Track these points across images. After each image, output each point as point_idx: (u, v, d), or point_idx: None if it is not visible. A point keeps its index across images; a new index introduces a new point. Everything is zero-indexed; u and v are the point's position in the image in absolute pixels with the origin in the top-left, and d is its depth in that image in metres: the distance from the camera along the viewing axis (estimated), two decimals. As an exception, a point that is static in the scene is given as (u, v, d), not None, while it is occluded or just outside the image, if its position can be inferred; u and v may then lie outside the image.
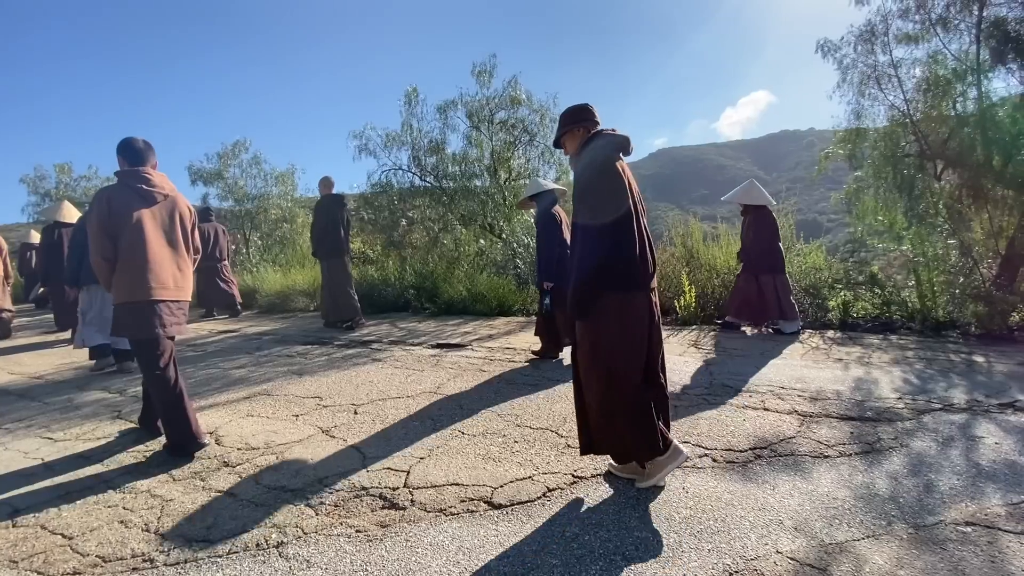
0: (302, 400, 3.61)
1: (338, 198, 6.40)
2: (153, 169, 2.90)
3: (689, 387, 3.51)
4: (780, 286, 5.08)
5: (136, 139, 2.88)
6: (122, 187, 2.77)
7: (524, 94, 8.28)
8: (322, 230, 6.26)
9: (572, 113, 2.31)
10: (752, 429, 2.77)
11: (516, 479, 2.31)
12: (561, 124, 2.33)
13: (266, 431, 3.04)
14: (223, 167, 12.41)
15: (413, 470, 2.45)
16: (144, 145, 2.89)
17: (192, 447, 2.77)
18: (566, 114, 2.33)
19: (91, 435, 3.15)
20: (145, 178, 2.81)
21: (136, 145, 2.86)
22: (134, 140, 2.87)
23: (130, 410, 3.59)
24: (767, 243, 5.13)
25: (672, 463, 2.16)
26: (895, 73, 7.04)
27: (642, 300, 2.11)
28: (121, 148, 2.87)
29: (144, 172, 2.82)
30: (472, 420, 3.04)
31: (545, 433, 2.81)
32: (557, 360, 4.38)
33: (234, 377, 4.35)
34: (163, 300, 2.75)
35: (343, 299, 6.36)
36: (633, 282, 2.07)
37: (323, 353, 5.14)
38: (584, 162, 2.15)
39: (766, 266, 5.11)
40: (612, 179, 2.06)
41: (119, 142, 2.88)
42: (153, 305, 2.73)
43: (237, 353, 5.36)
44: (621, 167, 2.11)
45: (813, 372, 3.77)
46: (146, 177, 2.81)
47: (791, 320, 5.07)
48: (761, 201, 5.27)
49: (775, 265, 5.11)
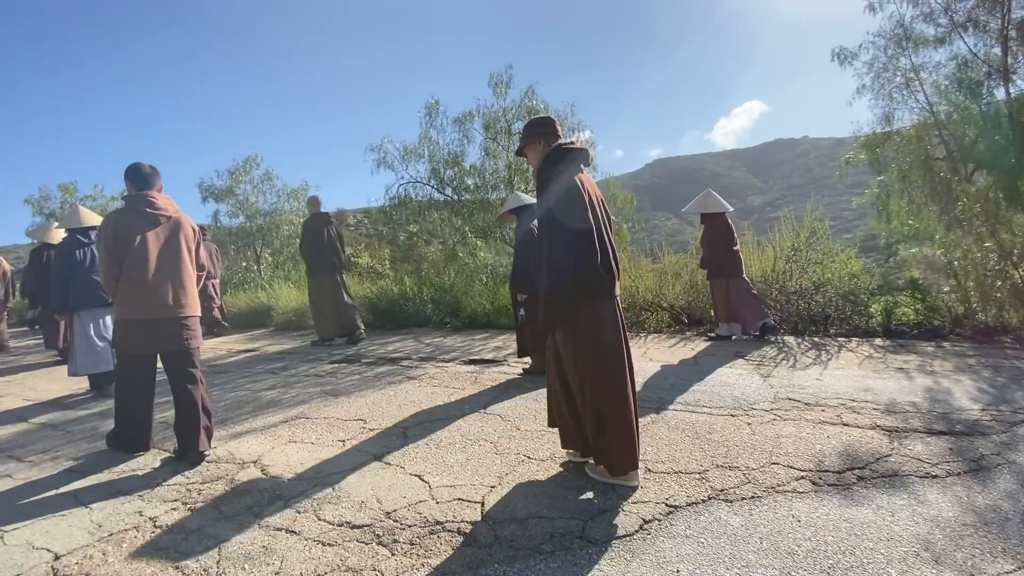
0: (345, 423, 3.41)
1: (324, 216, 6.62)
2: (159, 192, 3.05)
3: (756, 402, 3.32)
4: (733, 288, 5.25)
5: (143, 164, 3.04)
6: (128, 211, 2.94)
7: (541, 104, 8.20)
8: (312, 248, 6.46)
9: (535, 125, 2.40)
10: (839, 447, 2.58)
11: (605, 510, 2.11)
12: (524, 135, 2.41)
13: (315, 459, 2.84)
14: (234, 183, 12.28)
15: (487, 501, 2.25)
16: (151, 170, 3.04)
17: (127, 449, 3.06)
18: (529, 125, 2.42)
19: (124, 466, 2.95)
20: (150, 201, 2.96)
21: (143, 170, 3.01)
22: (141, 165, 3.03)
23: (161, 437, 3.38)
24: (721, 248, 5.32)
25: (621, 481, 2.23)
26: (918, 77, 6.97)
27: (610, 307, 2.20)
28: (129, 173, 3.02)
29: (149, 196, 2.97)
30: (535, 445, 2.84)
31: (618, 456, 2.62)
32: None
33: (265, 400, 4.14)
34: (161, 319, 2.89)
35: (345, 312, 6.48)
36: (601, 291, 2.14)
37: (354, 372, 4.94)
38: (545, 177, 2.22)
39: (724, 271, 5.29)
40: (573, 193, 2.12)
41: (127, 167, 3.03)
42: (152, 323, 2.87)
43: (262, 373, 5.16)
44: (581, 180, 2.18)
45: (878, 383, 3.59)
46: (151, 200, 2.96)
47: (748, 322, 5.19)
48: (717, 209, 5.45)
49: (733, 270, 5.28)
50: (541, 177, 2.25)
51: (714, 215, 5.44)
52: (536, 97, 8.22)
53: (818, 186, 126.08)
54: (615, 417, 2.18)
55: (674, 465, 2.48)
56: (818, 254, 5.85)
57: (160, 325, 2.89)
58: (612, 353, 2.19)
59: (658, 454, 2.61)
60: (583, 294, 2.12)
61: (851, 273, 5.66)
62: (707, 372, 4.08)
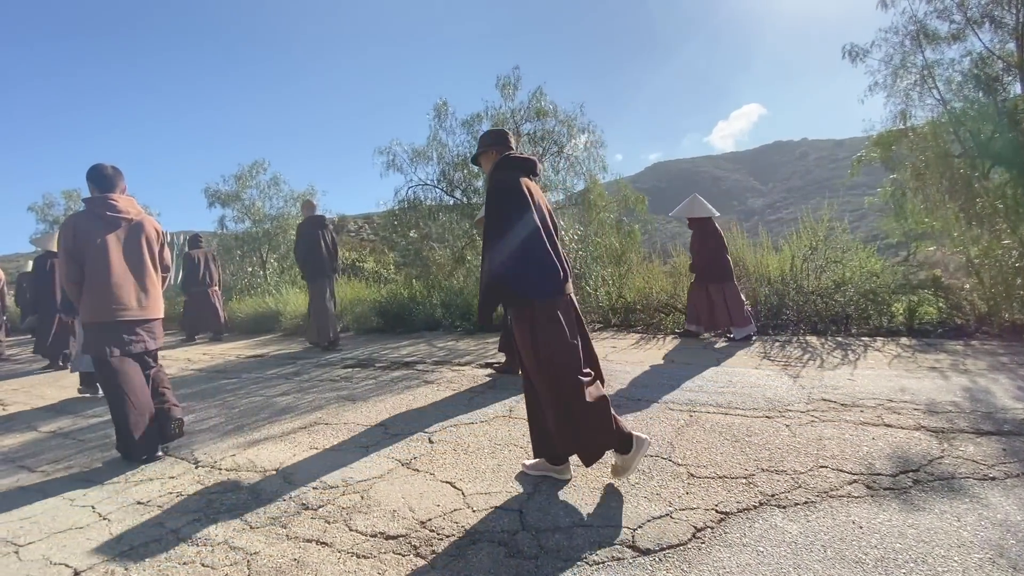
0: (366, 429, 3.31)
1: (319, 219, 6.55)
2: (121, 194, 3.04)
3: (790, 404, 3.22)
4: (729, 294, 5.22)
5: (105, 166, 3.01)
6: (88, 214, 2.93)
7: (549, 105, 8.13)
8: (305, 252, 6.40)
9: (489, 136, 2.53)
10: (887, 449, 2.48)
11: (653, 517, 2.01)
12: (480, 145, 2.55)
13: (339, 466, 2.74)
14: (241, 188, 12.19)
15: (525, 508, 2.15)
16: (113, 171, 3.02)
17: (135, 455, 2.97)
18: (485, 136, 2.55)
19: (142, 476, 2.85)
20: (111, 204, 2.95)
21: (105, 172, 2.99)
22: (103, 167, 3.00)
23: (177, 445, 3.28)
24: (712, 253, 5.31)
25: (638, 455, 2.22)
26: (932, 73, 6.90)
27: (562, 303, 2.26)
28: (90, 175, 3.00)
29: (110, 199, 2.96)
30: (567, 447, 2.74)
31: (657, 461, 2.51)
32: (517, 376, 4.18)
33: (280, 405, 4.04)
34: (126, 320, 2.91)
35: (322, 321, 6.40)
36: (550, 288, 2.22)
37: (368, 376, 4.84)
38: (492, 184, 2.33)
39: (714, 275, 5.26)
40: (517, 198, 2.23)
41: (89, 169, 3.00)
42: (115, 325, 2.90)
43: (275, 379, 5.06)
44: (527, 186, 2.29)
45: (912, 382, 3.49)
46: (111, 203, 2.95)
47: (742, 326, 5.16)
48: (704, 213, 5.41)
49: (722, 274, 5.25)
50: (490, 183, 2.38)
51: (701, 219, 5.42)
52: (544, 98, 8.16)
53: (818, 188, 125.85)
54: (580, 408, 2.18)
55: (717, 469, 2.38)
56: (837, 252, 5.75)
57: (124, 327, 2.92)
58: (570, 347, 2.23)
59: (698, 458, 2.51)
60: (535, 291, 2.20)
61: (871, 272, 5.56)
62: (734, 374, 3.98)
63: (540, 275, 2.20)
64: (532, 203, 2.25)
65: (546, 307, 2.21)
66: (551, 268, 2.22)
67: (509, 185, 2.26)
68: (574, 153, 8.25)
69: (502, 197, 2.25)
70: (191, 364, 6.49)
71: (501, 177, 2.31)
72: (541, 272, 2.20)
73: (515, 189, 2.25)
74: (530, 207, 2.23)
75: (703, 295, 5.32)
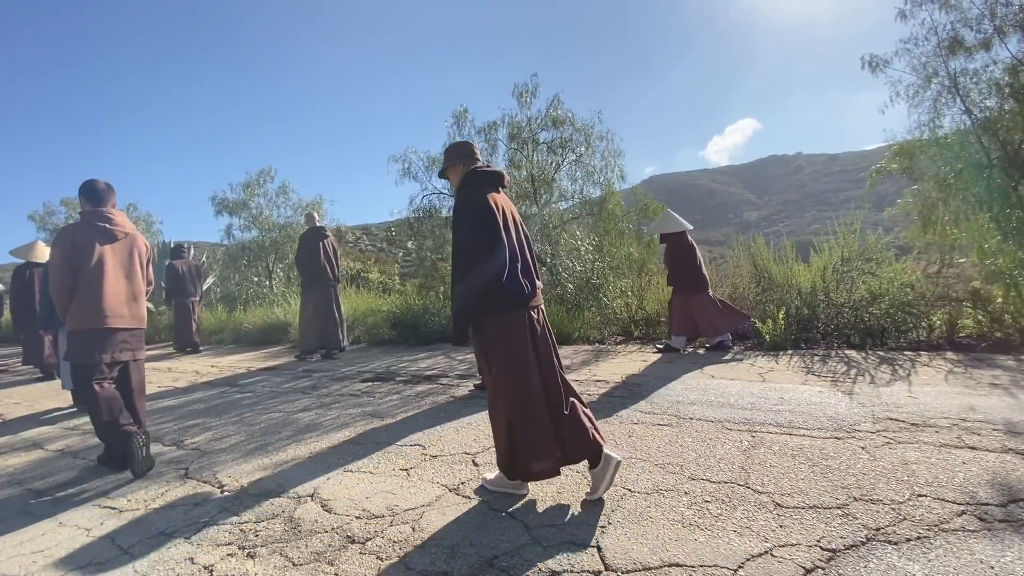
0: (401, 449, 3.08)
1: (319, 230, 6.76)
2: (113, 208, 3.16)
3: (855, 423, 3.01)
4: (708, 304, 5.35)
5: (98, 181, 3.14)
6: (86, 225, 3.03)
7: (566, 113, 7.99)
8: (305, 261, 6.60)
9: (455, 149, 2.51)
10: (983, 474, 2.27)
11: (752, 556, 1.80)
12: (446, 159, 2.53)
13: (380, 492, 2.51)
14: (248, 196, 11.97)
15: (603, 544, 1.93)
16: (105, 187, 3.15)
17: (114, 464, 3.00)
18: (451, 149, 2.53)
19: (162, 500, 2.61)
20: (108, 217, 3.08)
21: (98, 187, 3.12)
22: (96, 182, 3.12)
23: (198, 466, 3.05)
24: (685, 265, 5.45)
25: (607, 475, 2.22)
26: (956, 83, 6.82)
27: (526, 316, 2.26)
28: (83, 190, 3.12)
29: (107, 212, 3.09)
30: (631, 475, 2.52)
31: (734, 488, 2.30)
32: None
33: (303, 422, 3.81)
34: (117, 328, 3.01)
35: (331, 326, 6.54)
36: (511, 302, 2.21)
37: (391, 391, 4.61)
38: (458, 200, 2.34)
39: (689, 287, 5.39)
40: (483, 211, 2.22)
41: (81, 184, 3.13)
42: (105, 332, 2.98)
43: (292, 393, 4.82)
44: (494, 200, 2.28)
45: (979, 400, 3.29)
46: (109, 216, 3.09)
47: (719, 334, 5.33)
48: (677, 228, 5.56)
49: (697, 285, 5.38)
50: (457, 197, 2.38)
51: (674, 234, 5.56)
52: (561, 106, 8.02)
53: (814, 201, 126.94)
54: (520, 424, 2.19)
55: (805, 499, 2.17)
56: (871, 264, 5.59)
57: (112, 334, 3.01)
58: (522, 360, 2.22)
59: (779, 484, 2.30)
60: (493, 304, 2.20)
61: (907, 283, 5.40)
62: (783, 390, 3.78)
63: (504, 288, 2.19)
64: (499, 218, 2.25)
65: (508, 319, 2.22)
66: (515, 282, 2.22)
67: (475, 202, 2.26)
68: (591, 162, 8.11)
69: (468, 214, 2.24)
70: (200, 376, 6.24)
71: (466, 194, 2.31)
72: (508, 288, 2.20)
73: (481, 206, 2.24)
74: (497, 223, 2.23)
75: (685, 306, 5.43)
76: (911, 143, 7.73)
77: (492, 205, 2.25)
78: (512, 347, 2.22)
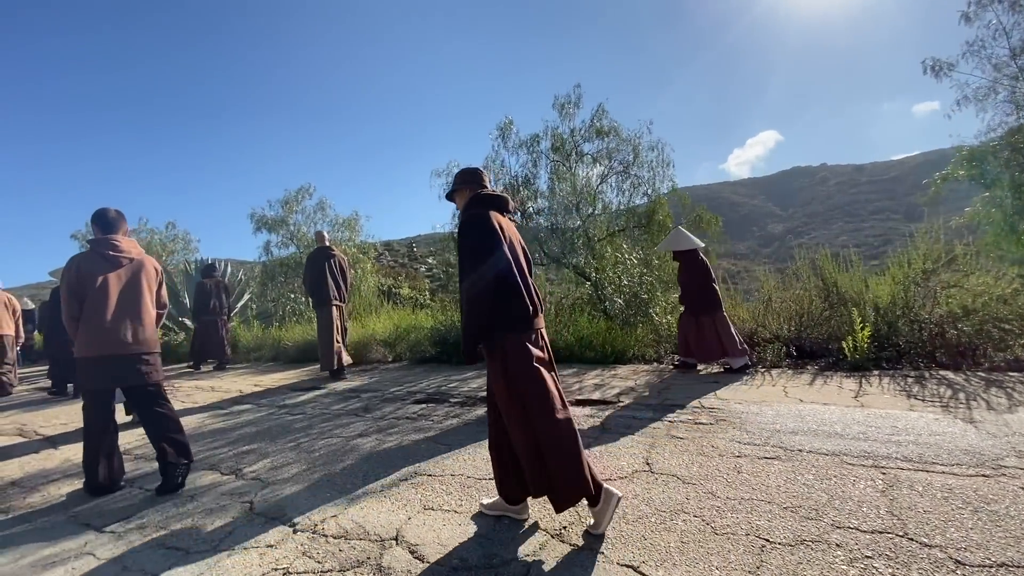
0: (480, 483, 2.81)
1: (326, 250, 6.84)
2: (123, 236, 3.24)
3: (997, 457, 2.64)
4: (719, 325, 5.18)
5: (109, 210, 3.23)
6: (91, 253, 3.11)
7: (613, 123, 7.78)
8: (312, 281, 6.70)
9: (463, 174, 2.53)
10: None
11: (962, 634, 1.47)
12: (455, 182, 2.55)
13: (472, 535, 2.24)
14: (287, 213, 12.04)
15: (762, 612, 1.62)
16: (116, 215, 3.24)
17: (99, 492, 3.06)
18: (459, 175, 2.55)
19: (232, 541, 2.38)
20: (113, 244, 3.15)
21: (108, 215, 3.21)
22: (107, 211, 3.22)
23: (261, 498, 2.83)
24: (699, 284, 5.29)
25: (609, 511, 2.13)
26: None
27: (532, 339, 2.24)
28: (94, 218, 3.22)
29: (113, 239, 3.16)
30: (761, 521, 2.20)
31: (892, 539, 1.97)
32: None
33: (365, 449, 3.57)
34: (118, 355, 3.01)
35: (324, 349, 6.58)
36: (521, 324, 2.21)
37: (449, 414, 4.36)
38: (463, 219, 2.34)
39: (702, 307, 5.24)
40: (487, 234, 2.22)
41: (94, 213, 3.21)
42: (107, 359, 2.99)
43: (344, 416, 4.61)
44: (498, 222, 2.29)
45: None
46: (114, 244, 3.15)
47: (736, 356, 5.12)
48: (688, 246, 5.41)
49: (710, 305, 5.22)
50: (462, 217, 2.39)
51: (687, 252, 5.42)
52: (606, 116, 7.82)
53: (840, 213, 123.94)
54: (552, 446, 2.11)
55: (987, 554, 1.83)
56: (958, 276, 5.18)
57: (117, 361, 3.02)
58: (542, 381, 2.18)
59: (948, 536, 1.96)
60: (509, 326, 2.19)
61: (1002, 297, 4.96)
62: (892, 417, 3.41)
63: (511, 310, 2.19)
64: (504, 238, 2.26)
65: (518, 342, 2.20)
66: (521, 304, 2.22)
67: (479, 220, 2.26)
68: (639, 173, 7.84)
69: (473, 232, 2.26)
70: (244, 396, 6.09)
71: (470, 214, 2.33)
72: (512, 307, 2.20)
73: (485, 225, 2.25)
74: (501, 242, 2.23)
75: (692, 326, 5.30)
76: (983, 147, 7.32)
77: (495, 223, 2.27)
78: (532, 367, 2.18)
